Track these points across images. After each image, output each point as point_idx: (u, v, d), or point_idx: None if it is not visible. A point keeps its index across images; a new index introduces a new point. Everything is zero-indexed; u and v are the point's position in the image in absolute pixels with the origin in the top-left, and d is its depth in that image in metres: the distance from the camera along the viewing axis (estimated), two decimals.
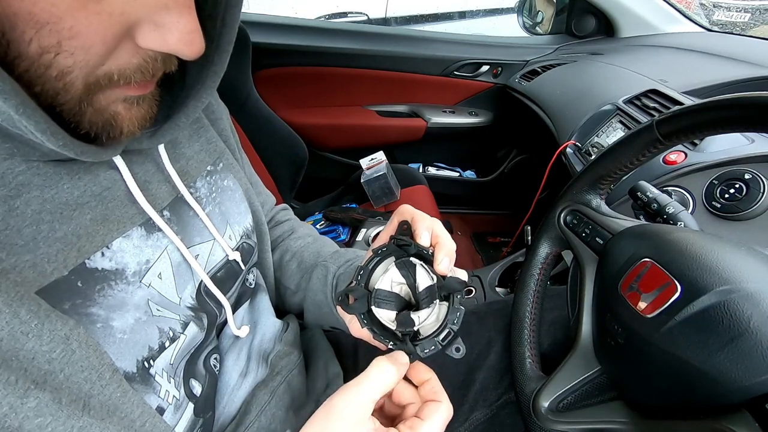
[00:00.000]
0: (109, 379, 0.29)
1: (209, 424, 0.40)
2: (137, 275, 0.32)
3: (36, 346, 0.25)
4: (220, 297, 0.41)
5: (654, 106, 0.82)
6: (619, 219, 0.51)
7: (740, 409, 0.32)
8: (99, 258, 0.30)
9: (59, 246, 0.28)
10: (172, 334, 0.35)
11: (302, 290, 0.56)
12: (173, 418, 0.34)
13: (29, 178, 0.26)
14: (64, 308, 0.27)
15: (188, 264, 0.38)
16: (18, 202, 0.26)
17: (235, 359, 0.45)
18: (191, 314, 0.37)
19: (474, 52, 1.47)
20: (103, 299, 0.29)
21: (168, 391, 0.34)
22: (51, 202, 0.28)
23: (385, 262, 0.40)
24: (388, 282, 0.37)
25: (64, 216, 0.28)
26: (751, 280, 0.35)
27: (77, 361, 0.27)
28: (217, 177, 0.44)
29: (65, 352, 0.26)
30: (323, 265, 0.54)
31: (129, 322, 0.31)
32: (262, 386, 0.47)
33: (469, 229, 1.63)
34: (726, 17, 2.53)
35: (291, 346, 0.55)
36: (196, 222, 0.40)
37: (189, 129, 0.43)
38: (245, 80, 1.17)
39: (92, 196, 0.30)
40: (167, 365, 0.34)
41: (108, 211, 0.31)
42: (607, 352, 0.44)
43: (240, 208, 0.47)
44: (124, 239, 0.32)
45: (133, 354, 0.31)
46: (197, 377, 0.39)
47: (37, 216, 0.27)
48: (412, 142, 1.55)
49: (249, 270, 0.49)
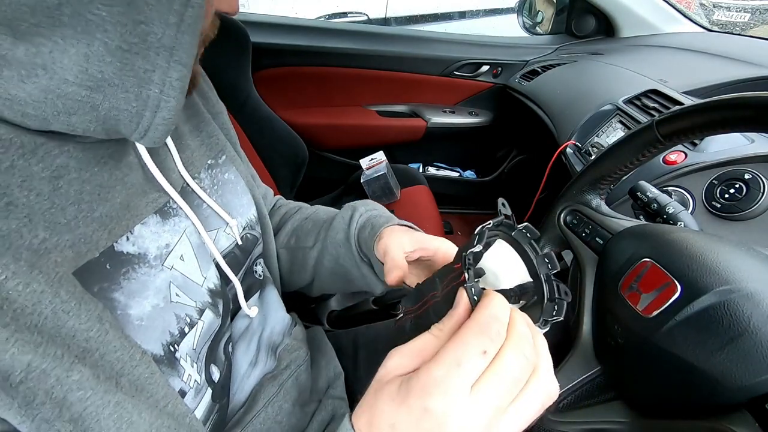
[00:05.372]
0: (140, 360, 0.30)
1: (224, 410, 0.41)
2: (158, 259, 0.33)
3: (76, 324, 0.26)
4: (232, 277, 0.42)
5: (654, 106, 0.82)
6: (619, 219, 0.51)
7: (740, 409, 0.32)
8: (125, 242, 0.31)
9: (95, 226, 0.29)
10: (189, 320, 0.35)
11: (321, 240, 0.54)
12: (193, 401, 0.35)
13: (66, 161, 0.27)
14: (94, 291, 0.28)
15: (205, 246, 0.39)
16: (61, 182, 0.27)
17: (246, 348, 0.46)
18: (208, 300, 0.38)
19: (474, 52, 1.47)
20: (127, 283, 0.30)
21: (190, 375, 0.35)
22: (89, 182, 0.29)
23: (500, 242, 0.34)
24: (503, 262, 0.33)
25: (101, 197, 0.29)
26: (751, 280, 0.35)
27: (111, 341, 0.28)
28: (218, 170, 0.45)
29: (100, 332, 0.27)
30: (350, 206, 0.53)
31: (146, 309, 0.32)
32: (270, 378, 0.49)
33: (469, 229, 1.62)
34: (726, 17, 2.53)
35: (299, 341, 0.56)
36: (202, 211, 0.41)
37: (190, 123, 0.44)
38: (245, 80, 1.17)
39: (117, 181, 0.31)
40: (190, 350, 0.35)
41: (129, 197, 0.32)
42: (607, 352, 0.44)
43: (242, 200, 0.48)
44: (143, 226, 0.33)
45: (156, 338, 0.32)
46: (217, 363, 0.40)
47: (79, 196, 0.28)
48: (412, 142, 1.56)
49: (256, 261, 0.50)
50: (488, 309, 0.25)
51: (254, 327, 0.48)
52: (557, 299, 0.30)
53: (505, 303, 0.26)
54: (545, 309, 0.30)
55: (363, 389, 0.29)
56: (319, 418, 0.53)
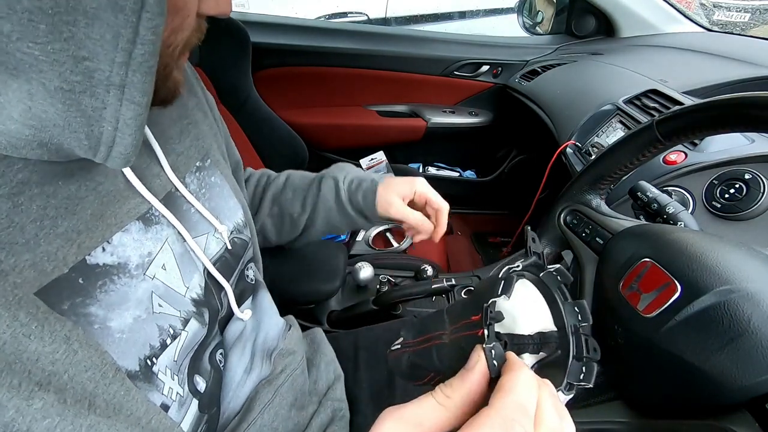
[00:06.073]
0: (113, 378, 0.29)
1: (214, 419, 0.40)
2: (140, 268, 0.32)
3: (39, 347, 0.25)
4: (224, 283, 0.42)
5: (654, 106, 0.82)
6: (619, 219, 0.51)
7: (740, 409, 0.32)
8: (100, 253, 0.30)
9: (59, 243, 0.27)
10: (172, 332, 0.35)
11: (309, 206, 0.61)
12: (178, 414, 0.35)
13: (28, 176, 0.26)
14: (63, 309, 0.27)
15: (191, 254, 0.38)
16: (22, 198, 0.25)
17: (240, 355, 0.46)
18: (193, 310, 0.37)
19: (474, 52, 1.47)
20: (104, 295, 0.29)
21: (171, 388, 0.34)
22: (54, 197, 0.27)
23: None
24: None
25: (68, 210, 0.28)
26: (751, 280, 0.35)
27: (80, 362, 0.27)
28: (205, 173, 0.44)
29: (68, 353, 0.26)
30: (329, 176, 0.61)
31: (128, 321, 0.31)
32: (266, 384, 0.48)
33: (469, 229, 1.62)
34: (726, 17, 2.53)
35: (294, 345, 0.55)
36: (190, 216, 0.40)
37: (178, 125, 0.42)
38: (245, 80, 1.17)
39: (89, 191, 0.30)
40: (171, 362, 0.34)
41: (104, 206, 0.31)
42: (607, 352, 0.44)
43: (229, 203, 0.47)
44: (123, 233, 0.32)
45: (135, 353, 0.31)
46: (202, 373, 0.39)
47: (42, 212, 0.26)
48: (412, 142, 1.55)
49: (247, 265, 0.50)
50: (513, 394, 0.20)
51: (248, 333, 0.47)
52: (585, 358, 0.25)
53: (533, 381, 0.22)
54: (571, 369, 0.25)
55: (363, 392, 0.28)
56: (319, 420, 0.52)
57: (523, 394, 0.21)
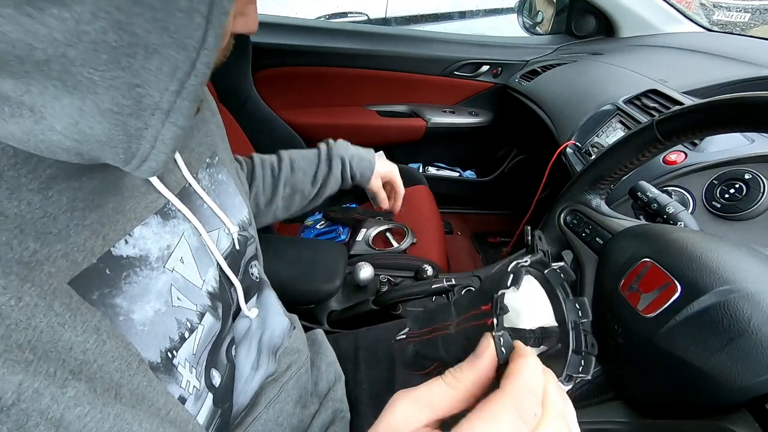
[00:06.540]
0: (137, 369, 0.30)
1: (227, 414, 0.41)
2: (160, 260, 0.33)
3: (72, 337, 0.26)
4: (233, 278, 0.43)
5: (654, 106, 0.82)
6: (619, 219, 0.51)
7: (740, 409, 0.32)
8: (123, 245, 0.31)
9: (87, 234, 0.28)
10: (189, 325, 0.35)
11: (320, 180, 0.73)
12: (194, 407, 0.35)
13: (56, 172, 0.27)
14: (93, 299, 0.28)
15: (205, 248, 0.39)
16: (51, 191, 0.26)
17: (247, 352, 0.47)
18: (208, 303, 0.38)
19: (474, 52, 1.47)
20: (129, 287, 0.30)
21: (189, 381, 0.35)
22: (80, 190, 0.28)
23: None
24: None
25: (94, 203, 0.29)
26: (751, 280, 0.35)
27: (108, 352, 0.28)
28: (213, 170, 0.45)
29: (97, 343, 0.27)
30: (337, 156, 0.74)
31: (149, 314, 0.31)
32: (271, 381, 0.49)
33: (469, 229, 1.63)
34: (726, 17, 2.53)
35: (299, 344, 0.56)
36: (203, 211, 0.41)
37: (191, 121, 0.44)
38: (245, 80, 1.17)
39: (110, 185, 0.31)
40: (190, 355, 0.35)
41: (124, 201, 0.32)
42: (607, 352, 0.44)
43: (235, 201, 0.48)
44: (143, 227, 0.33)
45: (156, 345, 0.32)
46: (218, 367, 0.40)
47: (72, 203, 0.27)
48: (412, 142, 1.55)
49: (251, 263, 0.51)
50: (523, 378, 0.22)
51: (254, 330, 0.48)
52: (584, 352, 0.26)
53: (539, 367, 0.23)
54: (570, 362, 0.26)
55: (363, 394, 0.28)
56: (320, 420, 0.53)
57: (532, 379, 0.22)
